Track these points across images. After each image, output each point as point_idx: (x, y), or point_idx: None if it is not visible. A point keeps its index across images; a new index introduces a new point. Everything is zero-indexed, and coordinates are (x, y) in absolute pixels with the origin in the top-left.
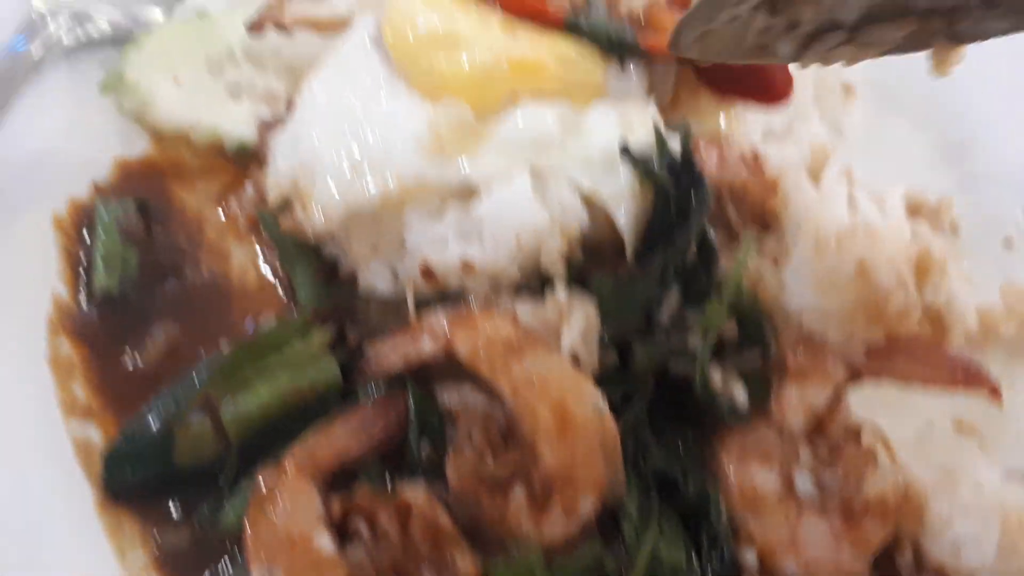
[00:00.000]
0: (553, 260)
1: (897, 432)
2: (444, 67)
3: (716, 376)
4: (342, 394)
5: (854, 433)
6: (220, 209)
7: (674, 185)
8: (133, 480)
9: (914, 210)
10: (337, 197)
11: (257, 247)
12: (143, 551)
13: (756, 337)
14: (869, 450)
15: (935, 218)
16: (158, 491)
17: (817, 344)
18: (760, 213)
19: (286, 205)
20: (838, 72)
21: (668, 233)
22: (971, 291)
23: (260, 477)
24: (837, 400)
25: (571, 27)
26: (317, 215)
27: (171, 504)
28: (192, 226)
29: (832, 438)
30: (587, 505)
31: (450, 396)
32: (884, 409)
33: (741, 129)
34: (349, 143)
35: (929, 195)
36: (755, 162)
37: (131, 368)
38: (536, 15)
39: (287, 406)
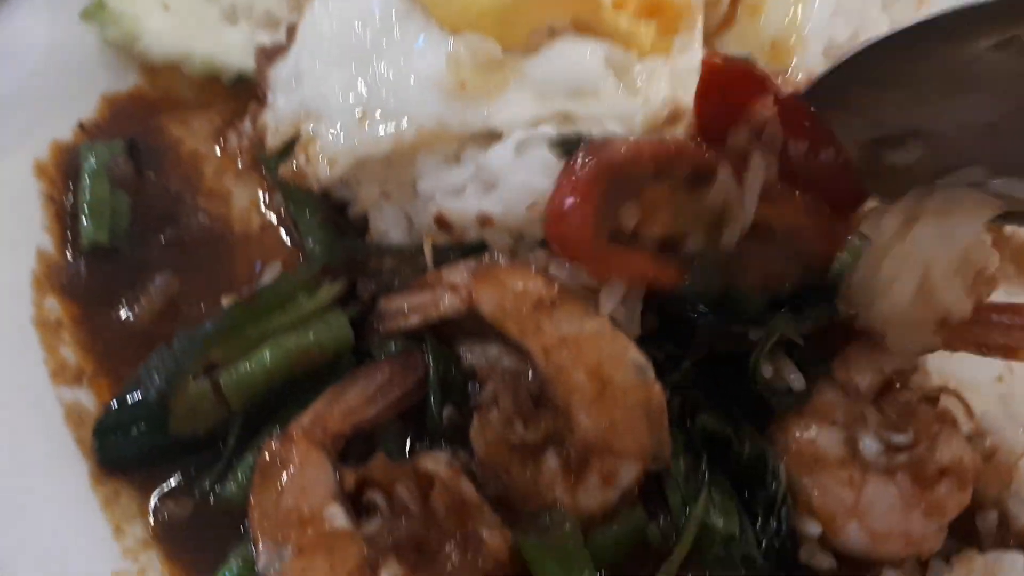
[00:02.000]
0: None
1: (976, 379)
2: None
3: (768, 369)
4: (355, 353)
5: (930, 396)
6: (218, 147)
7: None
8: (128, 451)
9: None
10: (344, 145)
11: (260, 187)
12: (141, 525)
13: (827, 299)
14: (945, 411)
15: None
16: (156, 462)
17: None
18: None
19: (288, 151)
20: None
21: None
22: None
23: (265, 448)
24: (911, 365)
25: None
26: (322, 165)
27: (171, 475)
28: (188, 167)
29: (903, 399)
30: (628, 474)
31: (473, 354)
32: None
33: None
34: (358, 81)
35: None
36: None
37: (125, 326)
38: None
39: (294, 369)
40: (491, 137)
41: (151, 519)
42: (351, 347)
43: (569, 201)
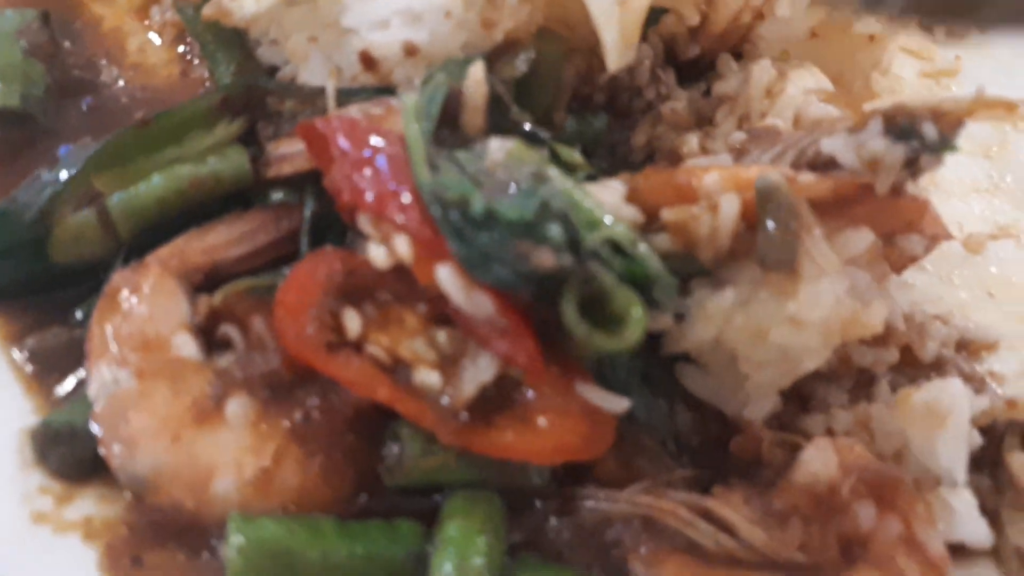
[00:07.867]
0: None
1: None
2: None
3: None
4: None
5: None
6: (143, 23)
7: None
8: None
9: None
10: None
11: (186, 59)
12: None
13: None
14: None
15: None
16: (31, 290)
17: None
18: None
19: None
20: None
21: None
22: None
23: (117, 273)
24: None
25: None
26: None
27: (46, 305)
28: (110, 42)
29: None
30: None
31: None
32: None
33: None
34: None
35: None
36: None
37: None
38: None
39: (188, 199)
40: None
41: (20, 346)
42: (249, 181)
43: (291, 291)
